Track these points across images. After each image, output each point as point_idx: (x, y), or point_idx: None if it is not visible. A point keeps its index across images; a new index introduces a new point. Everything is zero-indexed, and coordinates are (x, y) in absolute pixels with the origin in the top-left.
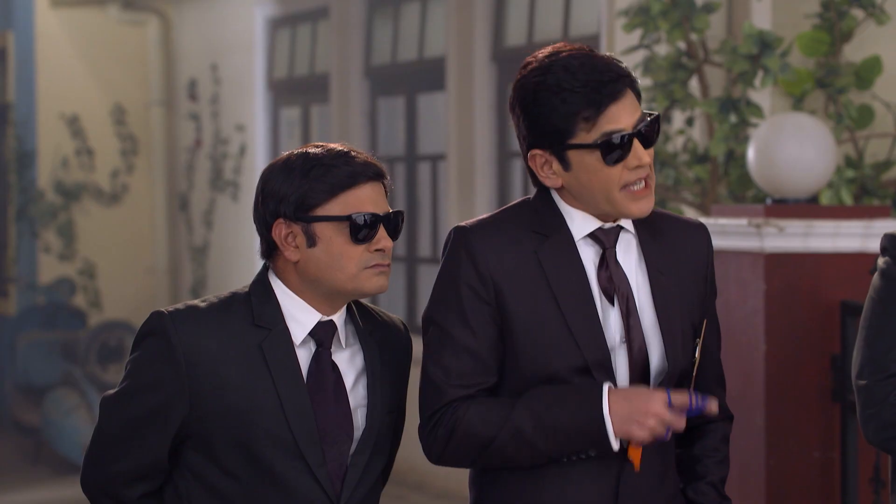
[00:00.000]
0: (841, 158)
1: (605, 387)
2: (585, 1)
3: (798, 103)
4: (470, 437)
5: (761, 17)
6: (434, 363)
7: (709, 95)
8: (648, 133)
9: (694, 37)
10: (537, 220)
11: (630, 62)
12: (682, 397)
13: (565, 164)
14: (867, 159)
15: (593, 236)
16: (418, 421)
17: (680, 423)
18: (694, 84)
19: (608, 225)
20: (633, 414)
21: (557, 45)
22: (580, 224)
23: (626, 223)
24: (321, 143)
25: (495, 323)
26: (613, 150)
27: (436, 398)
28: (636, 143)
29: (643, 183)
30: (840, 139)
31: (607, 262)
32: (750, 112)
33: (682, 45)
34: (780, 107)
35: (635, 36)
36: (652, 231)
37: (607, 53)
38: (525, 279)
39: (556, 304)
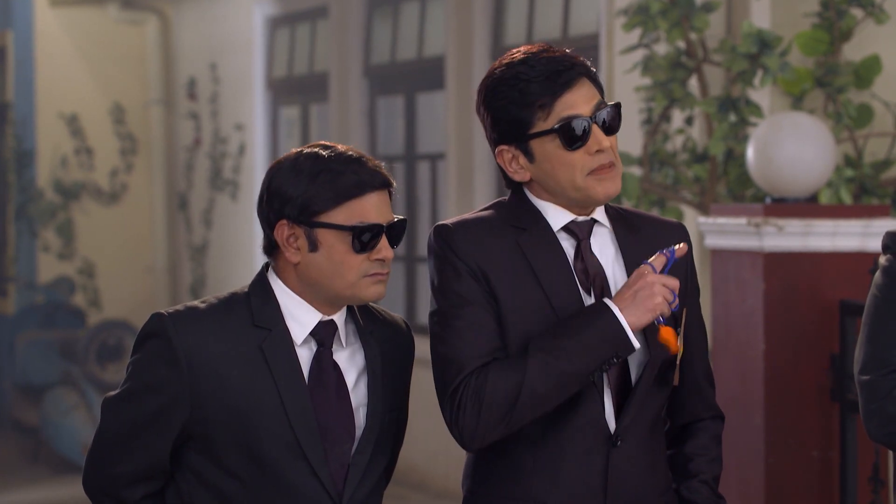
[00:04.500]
0: (840, 157)
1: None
2: (585, 0)
3: (797, 102)
4: (499, 391)
5: (760, 17)
6: (446, 344)
7: (708, 94)
8: (609, 120)
9: (693, 36)
10: (514, 216)
11: (629, 61)
12: (658, 258)
13: (530, 157)
14: (866, 158)
15: (567, 230)
16: (420, 421)
17: (673, 281)
18: (693, 83)
19: (582, 218)
20: (635, 294)
21: (521, 47)
22: (554, 217)
23: (601, 217)
24: (331, 144)
25: (495, 303)
26: (572, 134)
27: (454, 372)
28: (595, 128)
29: (608, 167)
30: (839, 138)
31: (582, 254)
32: (749, 111)
33: (681, 44)
34: (780, 106)
35: (635, 35)
36: (628, 227)
37: (566, 50)
38: (509, 268)
39: (542, 289)
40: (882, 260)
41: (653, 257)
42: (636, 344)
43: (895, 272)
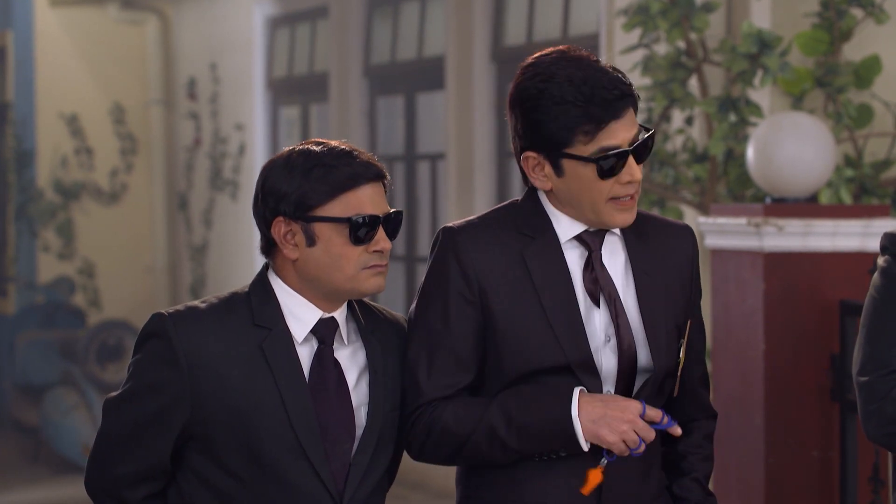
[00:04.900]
0: (840, 157)
1: (577, 389)
2: (585, 0)
3: (797, 102)
4: (446, 435)
5: (760, 17)
6: (416, 361)
7: (708, 95)
8: (643, 149)
9: (693, 36)
10: (524, 221)
11: (629, 61)
12: (654, 411)
13: (558, 171)
14: (866, 158)
15: (579, 239)
16: None
17: (650, 434)
18: (693, 83)
19: (594, 228)
20: (606, 416)
21: (562, 48)
22: (566, 227)
23: None
24: (323, 141)
25: (478, 324)
26: (609, 165)
27: (415, 396)
28: (630, 160)
29: (629, 197)
30: (839, 138)
31: (593, 265)
32: (749, 111)
33: (681, 44)
34: (780, 106)
35: (635, 35)
36: (638, 233)
37: (611, 65)
38: (510, 279)
39: (540, 304)
40: (880, 261)
41: (652, 408)
42: (584, 446)
43: (893, 273)
